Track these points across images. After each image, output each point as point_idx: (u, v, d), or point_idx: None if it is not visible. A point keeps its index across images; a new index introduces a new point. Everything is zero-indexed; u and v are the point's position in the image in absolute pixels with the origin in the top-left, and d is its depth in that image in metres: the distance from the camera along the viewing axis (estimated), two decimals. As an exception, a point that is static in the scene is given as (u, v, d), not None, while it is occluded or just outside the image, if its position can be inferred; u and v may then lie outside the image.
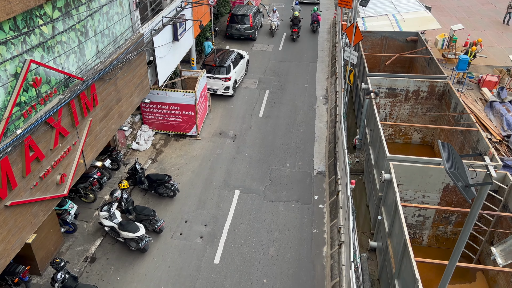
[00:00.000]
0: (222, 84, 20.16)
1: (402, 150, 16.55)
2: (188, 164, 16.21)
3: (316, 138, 17.84)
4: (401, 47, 21.00)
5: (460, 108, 14.73)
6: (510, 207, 10.94)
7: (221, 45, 26.69)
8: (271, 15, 28.17)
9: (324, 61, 24.99)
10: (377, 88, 16.28)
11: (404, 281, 9.51)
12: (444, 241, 12.81)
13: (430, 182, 11.81)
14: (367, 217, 14.43)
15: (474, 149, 13.32)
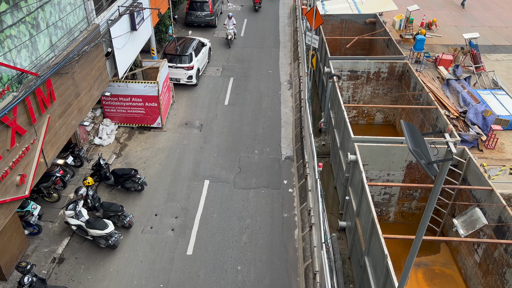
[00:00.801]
0: (184, 73, 19.82)
1: (366, 131, 16.94)
2: (155, 156, 15.93)
3: (283, 124, 17.95)
4: (361, 30, 21.33)
5: (419, 87, 15.19)
6: (469, 179, 11.47)
7: (181, 33, 26.15)
8: (227, 22, 24.19)
9: (286, 46, 25.03)
10: (339, 71, 16.50)
11: (374, 258, 9.83)
12: (409, 217, 13.30)
13: (394, 160, 12.17)
14: (336, 198, 14.75)
15: (434, 126, 13.82)
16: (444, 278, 11.48)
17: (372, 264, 9.98)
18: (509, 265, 9.45)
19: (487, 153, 15.27)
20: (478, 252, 10.72)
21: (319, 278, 10.54)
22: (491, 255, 10.14)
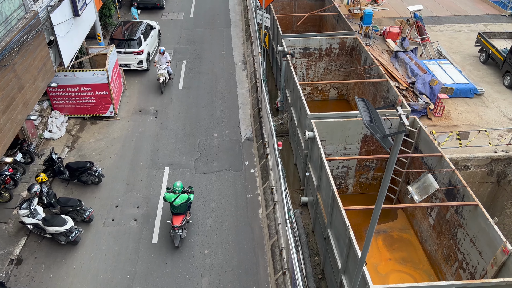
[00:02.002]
0: (134, 58, 19.16)
1: (321, 107, 17.26)
2: (110, 147, 15.44)
3: (240, 105, 17.89)
4: (311, 6, 21.43)
5: (369, 61, 15.58)
6: (421, 147, 12.05)
7: (127, 16, 25.13)
8: (158, 58, 18.39)
9: (238, 26, 24.74)
10: (292, 49, 16.57)
11: (336, 229, 10.19)
12: (367, 187, 13.84)
13: (349, 134, 12.53)
14: (296, 174, 15.04)
15: (385, 98, 14.30)
16: (403, 242, 12.13)
17: (335, 236, 10.35)
18: (460, 225, 10.11)
19: (435, 120, 16.04)
20: (431, 215, 11.37)
21: (285, 254, 10.81)
22: (444, 217, 10.80)
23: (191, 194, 11.97)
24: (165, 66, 18.26)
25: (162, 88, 18.29)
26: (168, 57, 18.37)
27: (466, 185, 9.98)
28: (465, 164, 14.07)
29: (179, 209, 11.62)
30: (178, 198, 11.57)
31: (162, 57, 18.31)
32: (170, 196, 11.59)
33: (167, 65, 18.45)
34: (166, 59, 18.35)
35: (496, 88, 17.93)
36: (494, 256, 8.81)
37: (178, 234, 11.58)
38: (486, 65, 19.60)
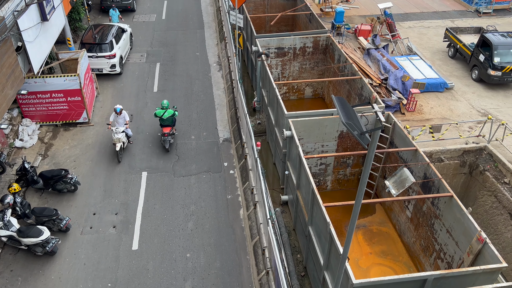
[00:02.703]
0: (107, 62, 18.81)
1: (298, 106, 17.40)
2: (85, 153, 15.11)
3: (217, 106, 17.82)
4: (283, 6, 21.56)
5: (343, 59, 15.81)
6: (396, 142, 12.31)
7: (98, 19, 24.65)
8: (113, 118, 14.80)
9: (211, 27, 24.64)
10: (266, 49, 16.64)
11: (317, 226, 10.30)
12: (345, 183, 14.04)
13: (326, 132, 12.68)
14: (276, 174, 15.11)
15: (360, 95, 14.53)
16: (382, 236, 12.36)
17: (316, 233, 10.46)
18: (436, 216, 10.39)
19: (408, 115, 16.42)
20: (409, 208, 11.64)
21: (268, 253, 10.84)
22: (420, 209, 11.07)
23: (176, 112, 15.07)
24: (123, 129, 14.53)
25: (119, 157, 14.46)
26: (126, 116, 14.75)
27: (441, 177, 10.26)
28: (439, 157, 14.46)
29: (167, 122, 14.94)
30: (165, 112, 14.77)
31: (119, 117, 14.64)
32: (159, 112, 14.82)
33: (126, 127, 14.64)
34: (125, 120, 14.70)
35: (465, 82, 18.50)
36: (470, 245, 9.09)
37: (167, 140, 14.90)
38: (455, 59, 20.20)
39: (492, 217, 13.78)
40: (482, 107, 16.86)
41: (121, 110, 14.55)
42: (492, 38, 17.76)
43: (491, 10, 25.08)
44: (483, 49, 18.04)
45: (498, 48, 17.39)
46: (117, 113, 14.60)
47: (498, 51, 17.37)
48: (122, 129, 14.60)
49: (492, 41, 17.59)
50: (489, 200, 13.93)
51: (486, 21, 23.80)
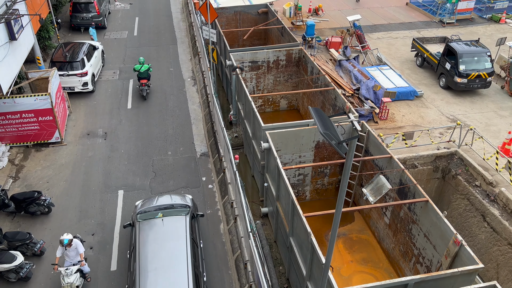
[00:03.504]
0: (79, 80, 18.51)
1: (273, 118, 17.54)
2: (58, 174, 14.72)
3: (193, 121, 17.75)
4: (255, 20, 21.85)
5: (316, 71, 16.11)
6: (371, 150, 12.56)
7: (68, 37, 24.29)
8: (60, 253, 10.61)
9: (184, 42, 24.66)
10: (240, 63, 16.78)
11: (298, 237, 10.33)
12: (323, 193, 14.17)
13: (303, 142, 12.83)
14: (255, 186, 15.11)
15: (334, 106, 14.80)
16: (362, 244, 12.50)
17: (298, 243, 10.48)
18: (414, 221, 10.61)
19: (381, 123, 16.81)
20: (387, 214, 11.84)
21: (250, 267, 10.77)
22: (398, 215, 11.28)
23: (150, 68, 18.87)
24: (77, 268, 10.38)
25: None
26: (80, 247, 10.56)
27: (416, 183, 10.52)
28: (413, 163, 14.82)
29: (143, 74, 18.59)
30: (142, 67, 18.34)
31: (69, 250, 10.48)
32: (137, 66, 18.42)
33: (81, 264, 10.48)
34: (77, 253, 10.56)
35: (433, 90, 19.13)
36: (447, 248, 9.31)
37: (144, 89, 18.61)
38: (423, 68, 20.90)
39: (466, 220, 14.18)
40: (451, 113, 17.45)
41: (70, 241, 10.26)
42: (456, 47, 18.49)
43: (454, 20, 26.17)
44: (449, 58, 18.74)
45: (463, 57, 18.12)
46: (65, 245, 10.26)
47: (463, 59, 18.09)
48: (75, 268, 10.34)
49: (457, 50, 18.31)
50: (462, 203, 14.34)
51: (450, 31, 24.80)
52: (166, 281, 9.28)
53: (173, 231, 10.36)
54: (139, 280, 9.32)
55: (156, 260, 9.71)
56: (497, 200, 13.30)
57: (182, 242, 10.09)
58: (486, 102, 18.27)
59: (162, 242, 10.10)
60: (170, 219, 10.68)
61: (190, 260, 9.70)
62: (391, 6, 29.15)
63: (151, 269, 9.51)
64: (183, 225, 10.51)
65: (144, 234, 10.38)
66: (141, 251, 9.95)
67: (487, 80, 18.16)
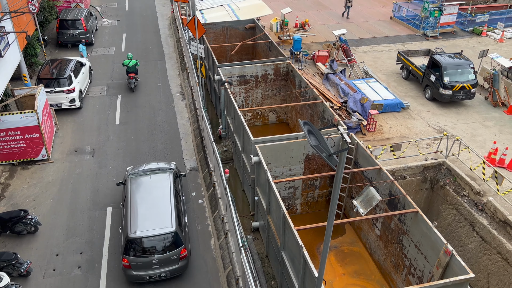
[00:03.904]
0: (66, 97, 18.37)
1: (263, 131, 17.58)
2: (45, 192, 14.48)
3: (182, 136, 17.70)
4: (242, 35, 22.05)
5: (303, 84, 16.26)
6: (360, 162, 12.64)
7: (54, 54, 24.18)
8: None
9: (172, 58, 24.73)
10: (229, 78, 16.86)
11: (290, 251, 10.27)
12: (314, 205, 14.17)
13: (293, 155, 12.86)
14: (245, 200, 15.04)
15: (322, 118, 14.92)
16: (353, 256, 12.47)
17: (289, 257, 10.42)
18: (404, 232, 10.64)
19: (369, 135, 16.97)
20: (377, 226, 11.87)
21: (242, 283, 10.65)
22: (388, 227, 11.32)
23: (138, 63, 20.78)
24: None
25: None
26: None
27: (405, 193, 10.59)
28: (401, 174, 14.95)
29: (131, 69, 20.52)
30: (130, 62, 20.39)
31: None
32: (126, 61, 20.44)
33: None
34: None
35: (419, 101, 19.43)
36: (438, 258, 9.34)
37: (132, 82, 20.49)
38: (408, 80, 21.25)
39: (455, 230, 14.28)
40: (437, 124, 17.71)
41: None
42: (441, 59, 18.88)
43: (437, 33, 26.77)
44: (434, 70, 19.11)
45: (447, 69, 18.49)
46: None
47: (447, 71, 18.46)
48: None
49: (441, 62, 18.69)
50: (451, 213, 14.46)
51: (433, 44, 25.34)
52: (153, 219, 11.24)
53: (159, 184, 12.44)
54: (131, 220, 11.23)
55: (144, 204, 11.72)
56: (485, 210, 13.45)
57: (166, 191, 12.15)
58: (471, 113, 18.60)
59: (150, 191, 12.18)
60: (157, 176, 12.78)
61: (173, 203, 11.71)
62: (375, 20, 29.72)
63: (141, 211, 11.48)
64: (167, 179, 12.61)
65: (134, 186, 12.39)
66: (132, 199, 11.93)
67: (471, 92, 18.53)
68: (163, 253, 10.96)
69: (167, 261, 11.07)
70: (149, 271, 11.05)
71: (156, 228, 10.99)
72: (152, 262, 10.94)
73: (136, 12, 31.68)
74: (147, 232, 10.90)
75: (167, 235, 10.96)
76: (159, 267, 11.06)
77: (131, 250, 10.85)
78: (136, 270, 10.99)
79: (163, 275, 11.18)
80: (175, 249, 11.07)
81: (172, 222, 11.16)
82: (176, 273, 11.37)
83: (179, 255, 11.18)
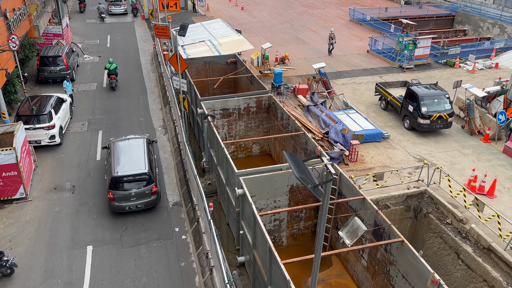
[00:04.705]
0: (45, 133, 18.10)
1: (246, 163, 17.55)
2: (22, 232, 13.97)
3: (164, 170, 17.51)
4: (224, 70, 22.40)
5: (285, 116, 16.46)
6: (344, 192, 12.68)
7: (34, 91, 23.99)
8: None
9: (154, 92, 24.83)
10: (212, 111, 16.95)
11: (277, 286, 10.05)
12: (300, 237, 14.02)
13: (277, 187, 12.82)
14: (230, 234, 14.80)
15: (305, 150, 15.03)
16: (341, 288, 12.27)
17: (277, 293, 10.17)
18: (391, 263, 10.58)
19: (352, 165, 17.13)
20: (364, 257, 11.78)
21: (228, 321, 10.29)
22: (375, 257, 11.24)
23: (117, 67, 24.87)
24: None
25: None
26: None
27: (390, 223, 10.61)
28: (385, 203, 15.02)
29: (112, 72, 24.29)
30: (111, 66, 24.16)
31: None
32: (108, 65, 24.31)
33: None
34: None
35: (398, 131, 19.85)
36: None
37: (113, 82, 24.33)
38: (387, 111, 21.76)
39: (441, 258, 14.28)
40: (417, 153, 18.04)
41: None
42: (417, 90, 19.47)
43: (412, 65, 27.74)
44: (411, 100, 19.66)
45: (424, 99, 19.05)
46: None
47: (424, 101, 19.01)
48: None
49: (418, 93, 19.27)
50: (436, 242, 14.50)
51: (409, 75, 26.20)
52: (131, 164, 14.80)
53: (135, 144, 16.01)
54: (114, 165, 14.76)
55: (124, 156, 15.29)
56: (468, 237, 13.54)
57: (141, 148, 15.72)
58: (449, 142, 19.05)
59: (128, 148, 15.78)
60: (133, 140, 16.37)
61: (146, 156, 15.29)
62: (353, 54, 30.68)
63: (121, 159, 15.08)
64: (142, 142, 16.20)
65: (116, 146, 15.95)
66: (114, 153, 15.50)
67: (448, 121, 19.06)
68: (138, 188, 14.35)
69: (142, 195, 14.46)
70: (128, 203, 14.38)
71: (133, 170, 14.47)
72: (130, 194, 14.29)
73: (118, 48, 31.97)
74: (126, 172, 14.36)
75: (141, 175, 14.41)
76: (136, 199, 14.43)
77: (114, 186, 14.19)
78: (118, 201, 14.32)
79: (139, 206, 14.55)
80: (148, 185, 14.47)
81: (145, 166, 14.71)
82: (150, 205, 14.77)
83: (151, 190, 14.58)
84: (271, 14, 42.33)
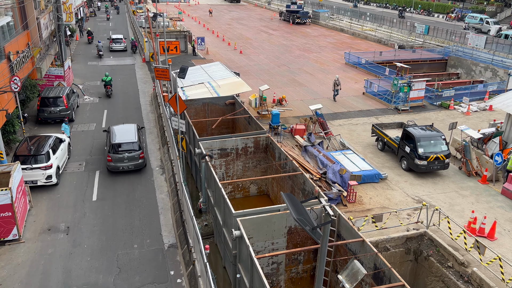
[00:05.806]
0: (42, 173, 18.02)
1: (244, 204, 17.40)
2: (13, 275, 13.58)
3: (161, 210, 17.31)
4: (222, 110, 22.70)
5: (283, 156, 16.51)
6: (343, 234, 12.49)
7: (33, 131, 24.12)
8: None
9: (152, 132, 24.99)
10: (209, 151, 17.00)
11: (275, 333, 9.66)
12: (298, 281, 13.65)
13: (275, 228, 12.63)
14: (226, 278, 14.40)
15: (303, 190, 14.96)
16: (342, 336, 11.78)
17: None
18: (393, 308, 10.24)
19: (350, 206, 16.99)
20: (364, 301, 11.42)
21: None
22: (376, 302, 10.89)
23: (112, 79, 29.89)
24: None
25: None
26: None
27: (390, 266, 10.38)
28: (385, 246, 14.77)
29: (108, 83, 29.72)
30: (107, 78, 29.56)
31: None
32: (104, 78, 29.67)
33: None
34: None
35: (396, 172, 19.86)
36: (430, 335, 8.92)
37: (109, 91, 29.76)
38: (384, 152, 21.87)
39: (444, 303, 13.86)
40: (416, 195, 17.96)
41: None
42: (414, 131, 19.68)
43: (408, 107, 28.21)
44: (408, 142, 19.82)
45: (420, 140, 19.21)
46: None
47: (420, 143, 19.16)
48: None
49: (414, 134, 19.47)
50: (438, 286, 14.13)
51: (405, 117, 26.57)
52: (125, 136, 20.20)
53: (128, 127, 21.52)
54: (112, 136, 20.21)
55: (119, 132, 20.61)
56: (471, 281, 13.22)
57: (133, 128, 21.24)
58: (447, 183, 19.03)
59: (123, 128, 21.31)
60: (127, 124, 22.08)
61: (136, 133, 20.71)
62: (349, 96, 31.25)
63: (117, 133, 20.50)
64: (133, 126, 21.57)
65: (114, 128, 21.30)
66: (112, 132, 20.71)
67: (445, 162, 19.13)
68: (129, 153, 19.44)
69: (132, 158, 19.51)
70: (122, 163, 19.42)
71: (126, 139, 19.90)
72: (124, 157, 19.34)
73: (118, 89, 32.50)
74: (121, 141, 19.78)
75: (132, 143, 19.75)
76: (128, 161, 19.45)
77: (112, 150, 19.40)
78: (114, 162, 19.35)
79: (130, 167, 19.62)
80: (137, 151, 19.64)
81: (135, 137, 20.15)
82: (138, 167, 19.90)
83: (139, 155, 19.69)
84: (269, 57, 43.49)
